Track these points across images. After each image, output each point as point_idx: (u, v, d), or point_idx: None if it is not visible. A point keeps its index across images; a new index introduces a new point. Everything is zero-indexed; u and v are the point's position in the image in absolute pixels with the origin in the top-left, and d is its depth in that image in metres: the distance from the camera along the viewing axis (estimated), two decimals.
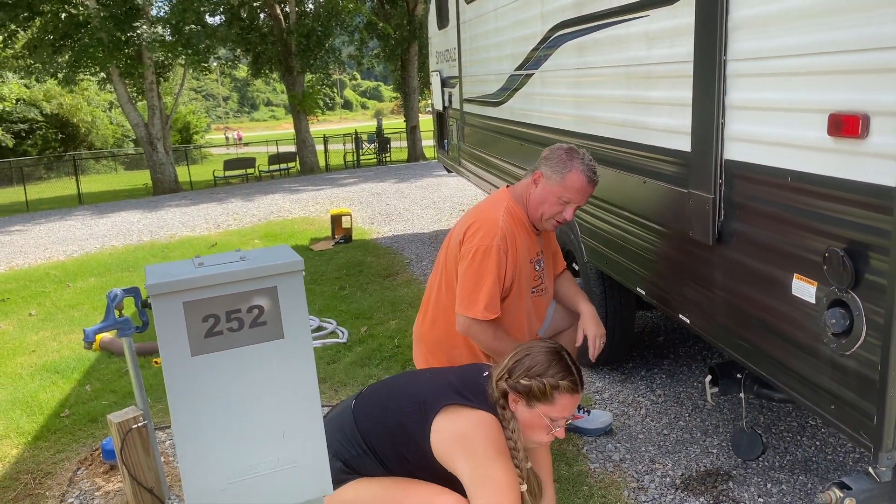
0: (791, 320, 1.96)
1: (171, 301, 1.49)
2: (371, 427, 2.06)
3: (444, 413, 1.93)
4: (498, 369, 1.99)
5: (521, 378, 1.93)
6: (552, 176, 2.63)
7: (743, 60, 2.09)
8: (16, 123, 29.69)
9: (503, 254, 2.60)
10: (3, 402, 3.99)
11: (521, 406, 1.95)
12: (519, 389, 1.93)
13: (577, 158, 2.62)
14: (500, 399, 1.96)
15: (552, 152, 2.67)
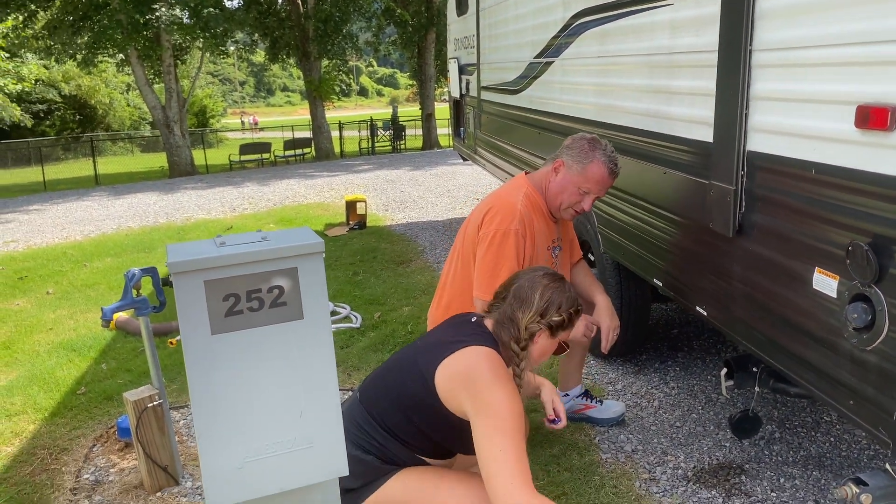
0: (811, 314, 1.94)
1: (192, 279, 1.49)
2: (383, 409, 2.03)
3: (444, 362, 1.91)
4: (528, 313, 1.96)
5: (554, 316, 1.98)
6: (573, 165, 2.62)
7: (769, 50, 2.06)
8: (35, 104, 29.88)
9: (521, 238, 2.60)
10: (21, 378, 4.04)
11: (543, 339, 2.00)
12: (552, 325, 1.98)
13: (599, 149, 2.61)
14: (525, 339, 1.97)
15: (574, 141, 2.65)
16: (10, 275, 6.57)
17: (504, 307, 2.02)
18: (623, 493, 2.68)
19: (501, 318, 2.00)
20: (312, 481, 1.68)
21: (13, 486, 2.91)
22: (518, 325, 1.97)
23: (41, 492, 2.87)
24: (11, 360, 4.36)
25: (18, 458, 3.14)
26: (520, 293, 2.01)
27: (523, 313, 1.97)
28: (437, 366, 1.90)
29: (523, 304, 1.98)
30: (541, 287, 2.00)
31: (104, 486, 2.89)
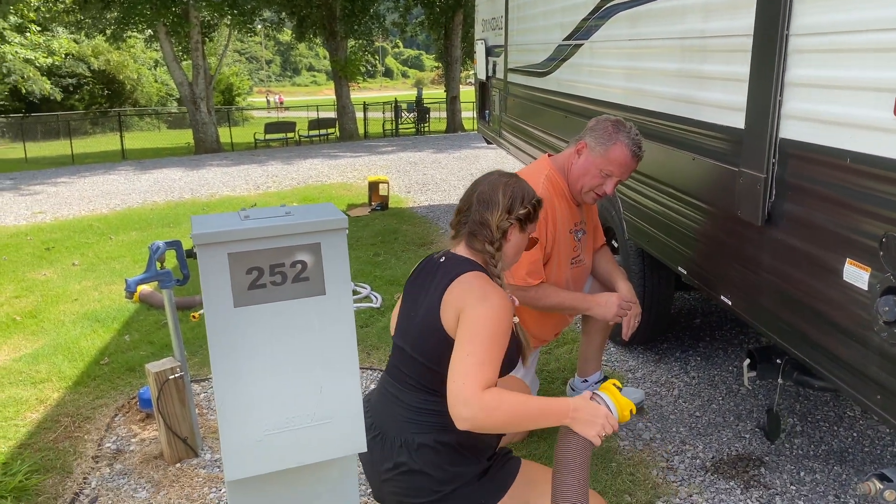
0: (840, 306, 1.90)
1: (216, 251, 1.49)
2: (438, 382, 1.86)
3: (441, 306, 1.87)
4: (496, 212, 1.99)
5: (520, 209, 2.01)
6: (596, 147, 2.59)
7: (806, 35, 2.01)
8: (64, 78, 30.22)
9: (542, 220, 2.58)
10: (46, 347, 4.10)
11: (514, 234, 2.04)
12: (521, 218, 2.02)
13: (622, 131, 2.57)
14: (498, 238, 1.99)
15: (598, 123, 2.62)
16: (37, 245, 6.67)
17: (471, 217, 2.03)
18: (640, 481, 2.67)
19: (472, 227, 2.02)
20: (330, 456, 1.69)
21: (37, 451, 2.97)
22: (490, 227, 1.99)
23: (64, 458, 2.92)
24: (38, 328, 4.43)
25: (43, 425, 3.19)
26: (482, 197, 2.03)
27: (492, 214, 2.00)
28: (439, 310, 1.87)
29: (489, 205, 2.01)
30: (501, 185, 2.04)
31: (125, 455, 2.94)
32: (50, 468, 2.85)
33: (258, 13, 19.19)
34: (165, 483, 2.73)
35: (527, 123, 5.53)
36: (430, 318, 1.89)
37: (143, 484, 2.74)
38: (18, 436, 3.11)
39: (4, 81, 22.89)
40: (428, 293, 1.95)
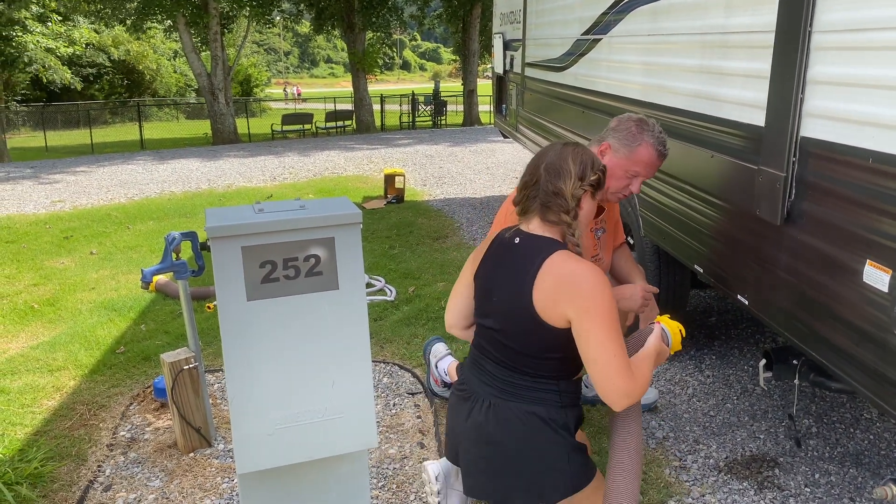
0: (860, 308, 1.88)
1: (230, 244, 1.50)
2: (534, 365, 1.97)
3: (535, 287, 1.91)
4: (569, 181, 1.99)
5: (591, 175, 2.02)
6: (620, 148, 2.53)
7: (830, 32, 1.98)
8: (85, 67, 30.44)
9: None
10: (63, 335, 4.14)
11: (587, 201, 2.05)
12: (593, 184, 2.04)
13: (647, 130, 2.52)
14: (573, 207, 2.00)
15: (621, 123, 2.57)
16: (56, 234, 6.73)
17: (541, 188, 2.02)
18: (652, 480, 2.65)
19: (546, 200, 2.00)
20: (341, 451, 1.69)
21: (53, 439, 3.00)
22: (565, 196, 1.99)
23: (79, 446, 2.95)
24: (55, 316, 4.48)
25: (59, 413, 3.23)
26: (552, 168, 2.02)
27: (565, 183, 2.00)
28: (531, 299, 1.90)
29: (561, 174, 2.00)
30: (570, 153, 2.04)
31: (139, 444, 2.96)
32: (65, 455, 2.88)
33: (277, 4, 19.22)
34: (179, 472, 2.75)
35: (544, 118, 5.50)
36: (521, 305, 1.92)
37: (157, 472, 2.76)
38: (35, 423, 3.14)
39: (26, 70, 23.10)
40: (510, 276, 1.97)
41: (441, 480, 2.28)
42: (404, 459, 2.80)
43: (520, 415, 1.94)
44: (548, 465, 1.95)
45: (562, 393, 1.99)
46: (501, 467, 1.97)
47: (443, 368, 3.17)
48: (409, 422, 3.10)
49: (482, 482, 2.02)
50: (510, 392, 1.98)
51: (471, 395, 2.03)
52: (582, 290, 1.85)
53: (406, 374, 3.56)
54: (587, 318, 1.83)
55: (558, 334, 1.90)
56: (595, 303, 1.84)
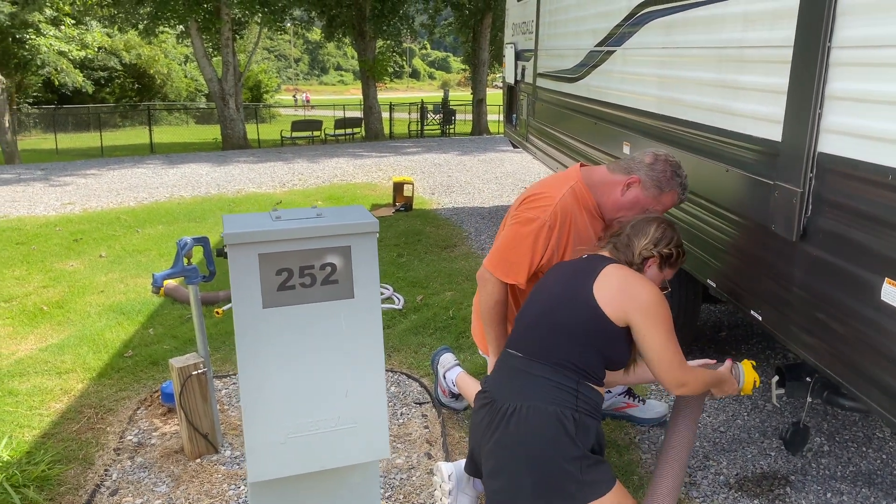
0: (877, 326, 1.86)
1: (247, 251, 1.49)
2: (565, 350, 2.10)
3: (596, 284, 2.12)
4: (644, 240, 2.25)
5: (665, 247, 2.26)
6: (651, 187, 2.50)
7: (849, 48, 1.97)
8: (96, 71, 30.63)
9: (547, 229, 2.52)
10: (72, 337, 4.15)
11: (653, 269, 2.27)
12: (663, 256, 2.26)
13: (677, 178, 2.52)
14: (637, 263, 2.24)
15: (657, 163, 2.52)
16: (66, 236, 6.76)
17: (621, 238, 2.29)
18: None
19: (618, 246, 2.27)
20: (354, 462, 1.68)
21: (60, 441, 3.00)
22: (633, 251, 2.24)
23: (86, 449, 2.95)
24: (64, 319, 4.48)
25: (66, 416, 3.22)
26: (637, 225, 2.30)
27: (639, 240, 2.25)
28: (592, 288, 2.11)
29: (640, 233, 2.27)
30: (657, 222, 2.31)
31: (146, 449, 2.96)
32: (72, 458, 2.88)
33: (288, 11, 19.31)
34: (185, 478, 2.74)
35: (555, 129, 5.50)
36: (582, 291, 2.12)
37: (164, 478, 2.75)
38: (42, 425, 3.14)
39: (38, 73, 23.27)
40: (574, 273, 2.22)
41: (454, 480, 2.28)
42: (411, 470, 2.79)
43: (538, 415, 2.00)
44: (560, 470, 1.96)
45: (579, 396, 2.05)
46: (514, 466, 1.99)
47: (451, 379, 3.15)
48: (416, 432, 3.09)
49: (496, 484, 2.04)
50: (531, 390, 2.06)
51: (491, 402, 2.09)
52: (643, 299, 2.08)
53: (414, 383, 3.55)
54: (650, 323, 2.07)
55: (608, 324, 2.08)
56: (656, 309, 2.08)
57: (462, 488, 2.30)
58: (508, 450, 2.00)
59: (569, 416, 2.00)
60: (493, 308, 2.65)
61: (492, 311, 2.66)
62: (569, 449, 1.98)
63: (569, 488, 1.96)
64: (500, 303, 2.65)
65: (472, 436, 2.19)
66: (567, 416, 2.00)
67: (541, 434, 1.99)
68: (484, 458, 2.08)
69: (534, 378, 2.08)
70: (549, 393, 2.04)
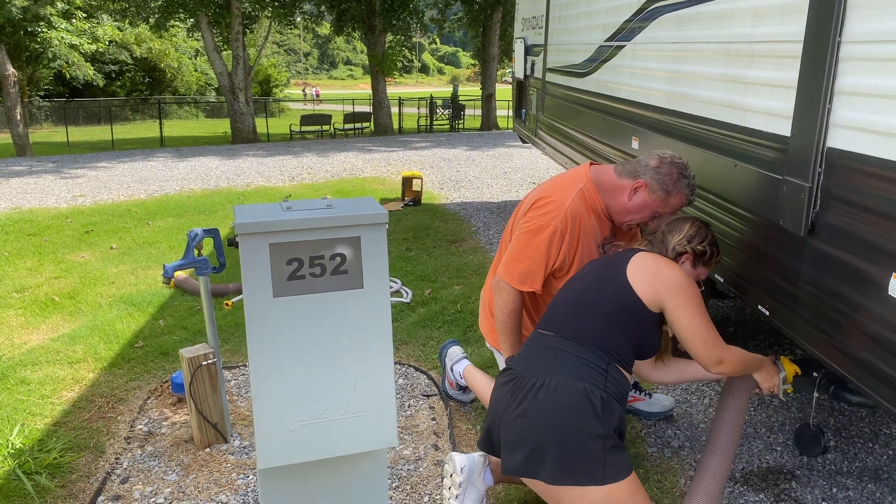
0: (885, 321, 1.86)
1: (258, 241, 1.51)
2: (597, 330, 2.18)
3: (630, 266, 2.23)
4: (678, 236, 2.35)
5: (699, 244, 2.34)
6: (658, 190, 2.54)
7: (859, 43, 1.96)
8: (107, 64, 30.77)
9: (559, 235, 2.58)
10: (83, 328, 4.19)
11: (687, 265, 2.35)
12: (696, 253, 2.34)
13: (685, 179, 2.54)
14: (671, 258, 2.32)
15: (663, 165, 2.54)
16: (77, 228, 6.81)
17: (656, 235, 2.39)
18: (667, 489, 2.64)
19: (653, 241, 2.38)
20: (362, 449, 1.70)
21: (71, 430, 3.03)
22: (667, 245, 2.34)
23: (97, 437, 2.98)
24: (75, 310, 4.53)
25: (77, 405, 3.26)
26: (672, 223, 2.40)
27: (673, 236, 2.35)
28: (626, 272, 2.21)
29: (674, 229, 2.37)
30: (692, 220, 2.41)
31: (156, 438, 2.99)
32: (83, 447, 2.91)
33: (299, 6, 19.34)
34: (195, 467, 2.77)
35: (564, 124, 5.50)
36: (616, 272, 2.22)
37: (173, 467, 2.78)
38: (54, 414, 3.18)
39: (50, 66, 23.40)
40: (609, 263, 2.33)
41: (465, 473, 2.30)
42: (419, 461, 2.81)
43: (567, 389, 2.05)
44: (583, 445, 2.00)
45: (608, 377, 2.11)
46: (538, 436, 2.03)
47: (458, 371, 3.17)
48: (423, 423, 3.11)
49: (517, 455, 2.06)
50: (561, 365, 2.12)
51: (517, 377, 2.16)
52: (673, 279, 2.18)
53: (421, 375, 3.57)
54: (681, 302, 2.16)
55: (640, 306, 2.17)
56: (686, 289, 2.17)
57: (473, 481, 2.32)
58: (535, 420, 2.04)
59: (597, 394, 2.06)
60: (509, 316, 2.69)
61: (508, 319, 2.70)
62: (594, 426, 2.02)
63: (592, 466, 2.00)
64: (516, 311, 2.69)
65: (491, 410, 2.23)
66: (595, 394, 2.05)
67: (568, 407, 2.03)
68: (505, 430, 2.11)
69: (564, 354, 2.15)
70: (580, 370, 2.10)
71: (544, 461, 2.02)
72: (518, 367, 2.22)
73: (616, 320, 2.18)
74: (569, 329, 2.22)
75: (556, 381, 2.07)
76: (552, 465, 2.01)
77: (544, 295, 2.74)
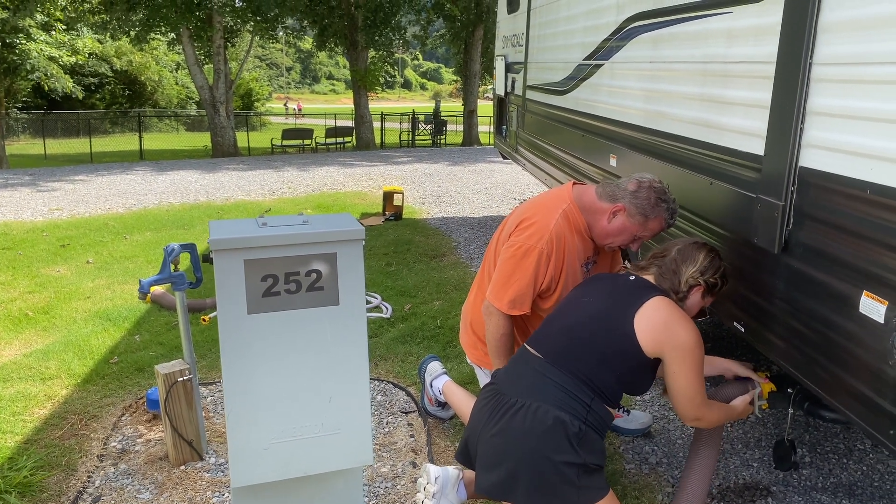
0: (856, 338, 1.88)
1: (232, 257, 1.50)
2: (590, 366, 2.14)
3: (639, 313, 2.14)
4: (692, 268, 2.28)
5: (711, 276, 2.29)
6: (636, 215, 2.58)
7: (830, 65, 2.00)
8: (87, 77, 30.52)
9: (545, 257, 2.60)
10: (57, 343, 4.13)
11: (697, 296, 2.30)
12: (709, 285, 2.30)
13: (664, 203, 2.58)
14: (683, 291, 2.27)
15: (641, 190, 2.58)
16: (53, 242, 6.72)
17: (666, 262, 2.30)
18: None
19: (664, 271, 2.28)
20: (337, 467, 1.69)
21: (42, 448, 2.98)
22: (680, 278, 2.27)
23: (69, 455, 2.93)
24: (49, 325, 4.46)
25: (50, 422, 3.21)
26: (685, 251, 2.32)
27: (686, 267, 2.27)
28: (633, 317, 2.13)
29: (687, 260, 2.29)
30: (706, 250, 2.33)
31: (130, 455, 2.94)
32: (55, 465, 2.86)
33: (281, 20, 19.35)
34: (169, 485, 2.73)
35: (543, 141, 5.54)
36: (620, 314, 2.15)
37: (147, 485, 2.74)
38: (25, 431, 3.12)
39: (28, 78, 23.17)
40: (617, 292, 2.26)
41: (440, 484, 2.30)
42: (396, 478, 2.79)
43: (545, 416, 2.04)
44: (557, 472, 2.00)
45: (591, 411, 2.10)
46: (513, 459, 2.03)
47: (437, 387, 3.16)
48: (401, 441, 3.09)
49: (492, 476, 2.07)
50: (543, 392, 2.10)
51: (498, 394, 2.15)
52: (684, 340, 2.11)
53: (400, 392, 3.55)
54: (683, 364, 2.11)
55: (639, 354, 2.12)
56: (693, 353, 2.11)
57: (446, 493, 2.31)
58: (510, 441, 2.04)
59: (576, 424, 2.05)
60: (501, 340, 2.70)
61: (499, 343, 2.70)
62: (569, 455, 2.02)
63: (567, 491, 2.01)
64: (507, 335, 2.70)
65: (471, 423, 2.23)
66: (574, 424, 2.05)
67: (544, 433, 2.03)
68: (482, 445, 2.12)
69: (549, 381, 2.13)
70: (562, 400, 2.09)
71: (518, 484, 2.03)
72: (501, 384, 2.22)
73: (612, 366, 2.15)
74: (559, 358, 2.18)
75: (535, 406, 2.07)
76: (525, 488, 2.02)
77: (531, 315, 2.75)
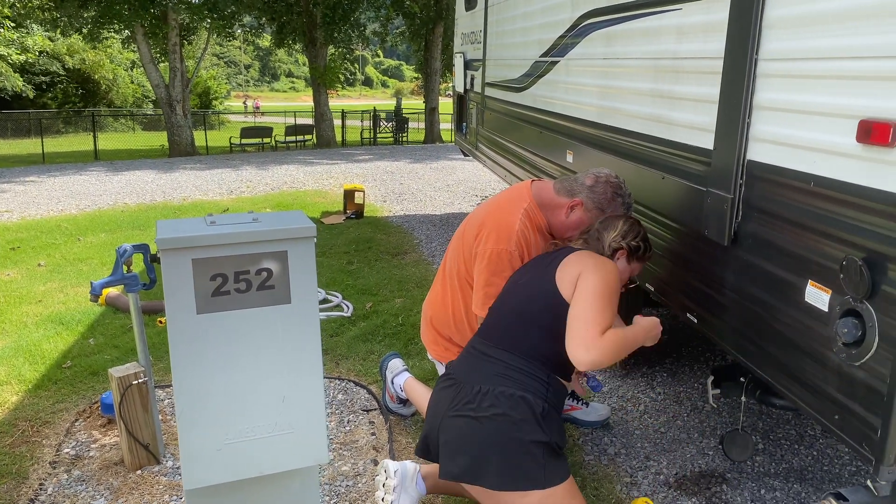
0: (802, 327, 1.94)
1: (180, 257, 1.48)
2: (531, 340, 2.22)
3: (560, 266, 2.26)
4: (613, 233, 2.43)
5: (633, 240, 2.43)
6: (592, 209, 2.68)
7: (774, 60, 2.05)
8: (38, 76, 29.73)
9: (518, 258, 2.66)
10: (6, 349, 4.02)
11: (622, 261, 2.43)
12: (631, 248, 2.43)
13: (619, 197, 2.68)
14: (608, 254, 2.40)
15: (598, 185, 2.69)
16: (2, 245, 6.54)
17: (591, 233, 2.47)
18: (604, 496, 2.68)
19: (588, 238, 2.46)
20: (291, 467, 1.67)
21: None
22: (603, 243, 2.42)
23: (20, 463, 2.85)
24: None
25: None
26: (606, 221, 2.49)
27: (608, 233, 2.44)
28: (554, 273, 2.24)
29: (609, 227, 2.45)
30: (624, 217, 2.51)
31: (84, 461, 2.88)
32: (5, 473, 2.78)
33: (238, 18, 19.09)
34: (125, 490, 2.68)
35: (503, 137, 5.56)
36: (545, 280, 2.25)
37: (102, 491, 2.68)
38: None
39: None
40: (541, 263, 2.37)
41: (398, 477, 2.30)
42: (357, 476, 2.78)
43: (510, 398, 2.09)
44: (526, 451, 2.05)
45: (549, 387, 2.17)
46: (482, 443, 2.06)
47: (399, 384, 3.16)
48: (363, 439, 3.08)
49: (460, 460, 2.09)
50: (502, 376, 2.16)
51: (457, 383, 2.20)
52: (594, 263, 2.21)
53: (361, 390, 3.54)
54: (587, 281, 2.13)
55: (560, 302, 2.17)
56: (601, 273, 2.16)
57: (406, 487, 2.32)
58: (477, 426, 2.07)
59: (539, 404, 2.11)
60: None
61: None
62: (537, 434, 2.07)
63: (534, 471, 2.05)
64: None
65: (430, 414, 2.25)
66: (538, 404, 2.11)
67: (513, 415, 2.07)
68: (444, 433, 2.14)
69: (505, 366, 2.19)
70: (522, 381, 2.14)
71: (488, 467, 2.05)
72: (458, 374, 2.25)
73: (549, 329, 2.20)
74: (507, 340, 2.26)
75: (499, 390, 2.12)
76: (496, 471, 2.05)
77: None
